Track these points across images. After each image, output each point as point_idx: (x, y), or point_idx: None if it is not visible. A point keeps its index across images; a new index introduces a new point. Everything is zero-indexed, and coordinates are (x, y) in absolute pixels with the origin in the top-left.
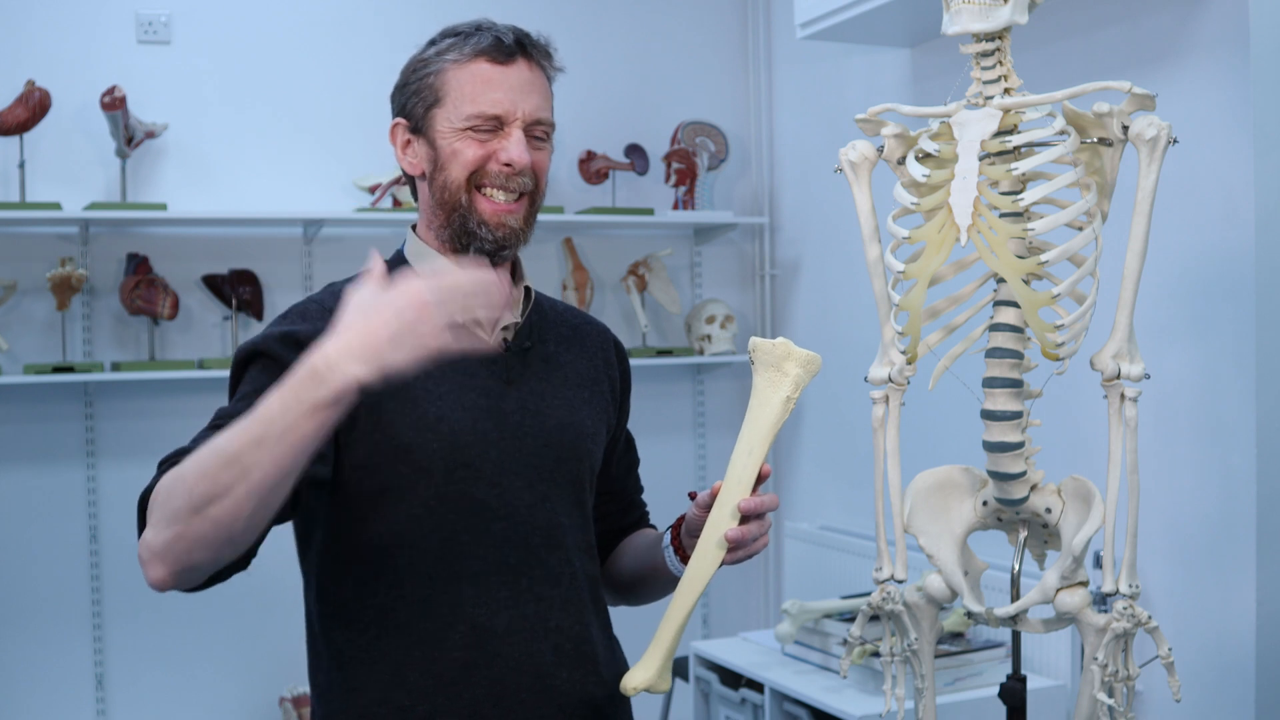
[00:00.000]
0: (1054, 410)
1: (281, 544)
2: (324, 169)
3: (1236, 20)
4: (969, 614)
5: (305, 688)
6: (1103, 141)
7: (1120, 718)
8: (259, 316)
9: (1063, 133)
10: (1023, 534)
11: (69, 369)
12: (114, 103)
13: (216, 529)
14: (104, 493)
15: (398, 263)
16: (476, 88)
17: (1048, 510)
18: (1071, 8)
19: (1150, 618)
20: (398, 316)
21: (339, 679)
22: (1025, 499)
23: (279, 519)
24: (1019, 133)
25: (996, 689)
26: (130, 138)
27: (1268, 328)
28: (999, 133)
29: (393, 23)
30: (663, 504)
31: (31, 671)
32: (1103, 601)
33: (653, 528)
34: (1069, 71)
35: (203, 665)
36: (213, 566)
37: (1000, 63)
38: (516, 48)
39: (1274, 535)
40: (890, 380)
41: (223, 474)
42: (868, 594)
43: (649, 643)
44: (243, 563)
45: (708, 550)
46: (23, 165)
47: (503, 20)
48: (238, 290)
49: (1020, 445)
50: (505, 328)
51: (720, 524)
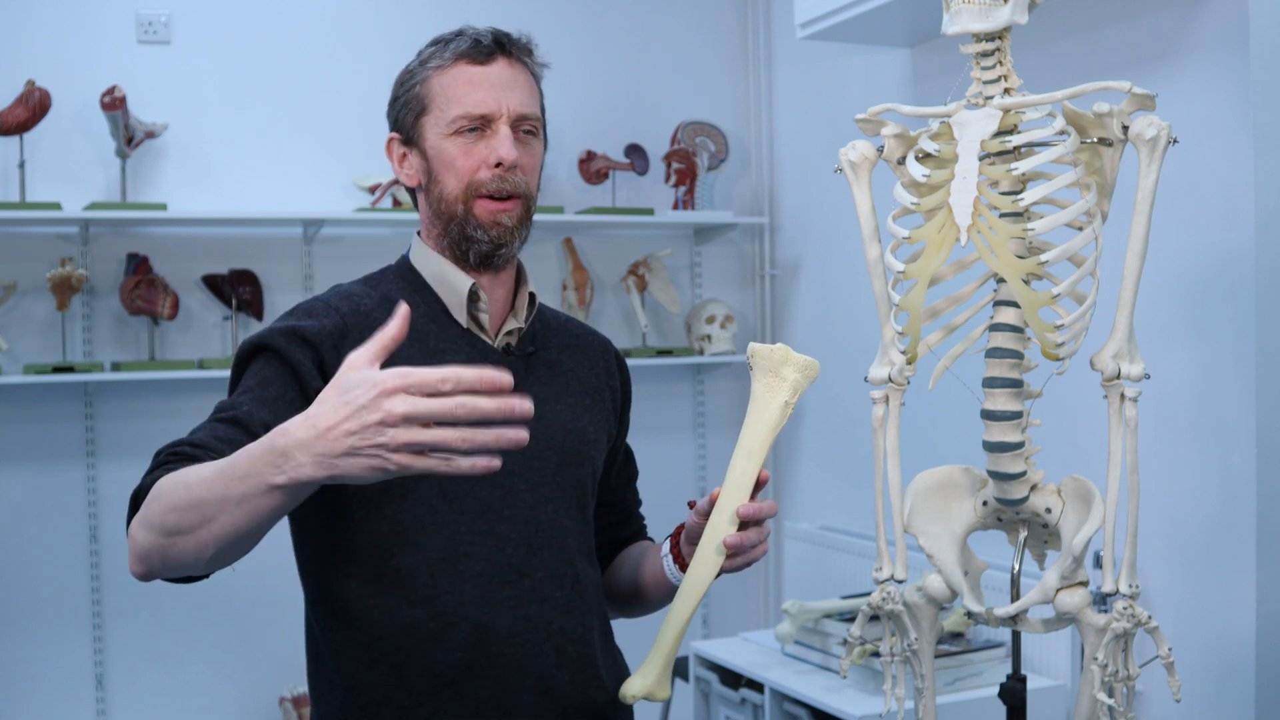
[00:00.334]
0: (1054, 410)
1: (281, 544)
2: (324, 169)
3: (1236, 20)
4: (969, 614)
5: (305, 688)
6: (1103, 141)
7: (1120, 718)
8: (259, 316)
9: (1063, 133)
10: (1023, 534)
11: (69, 369)
12: (114, 103)
13: (184, 556)
14: (104, 493)
15: (404, 268)
16: (459, 90)
17: (1048, 510)
18: (1071, 8)
19: (1150, 618)
20: (359, 418)
21: (338, 680)
22: (1025, 499)
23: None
24: (1019, 133)
25: (996, 689)
26: (130, 138)
27: (1268, 328)
28: (999, 133)
29: (393, 23)
30: (663, 505)
31: (31, 671)
32: (1103, 601)
33: (651, 540)
34: (1069, 71)
35: (203, 665)
36: (189, 574)
37: (1000, 63)
38: (495, 47)
39: (1274, 535)
40: (890, 380)
41: (188, 514)
42: (868, 594)
43: (647, 650)
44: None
45: (706, 557)
46: (23, 165)
47: (504, 20)
48: (238, 290)
49: (1020, 445)
50: (509, 332)
51: (719, 530)
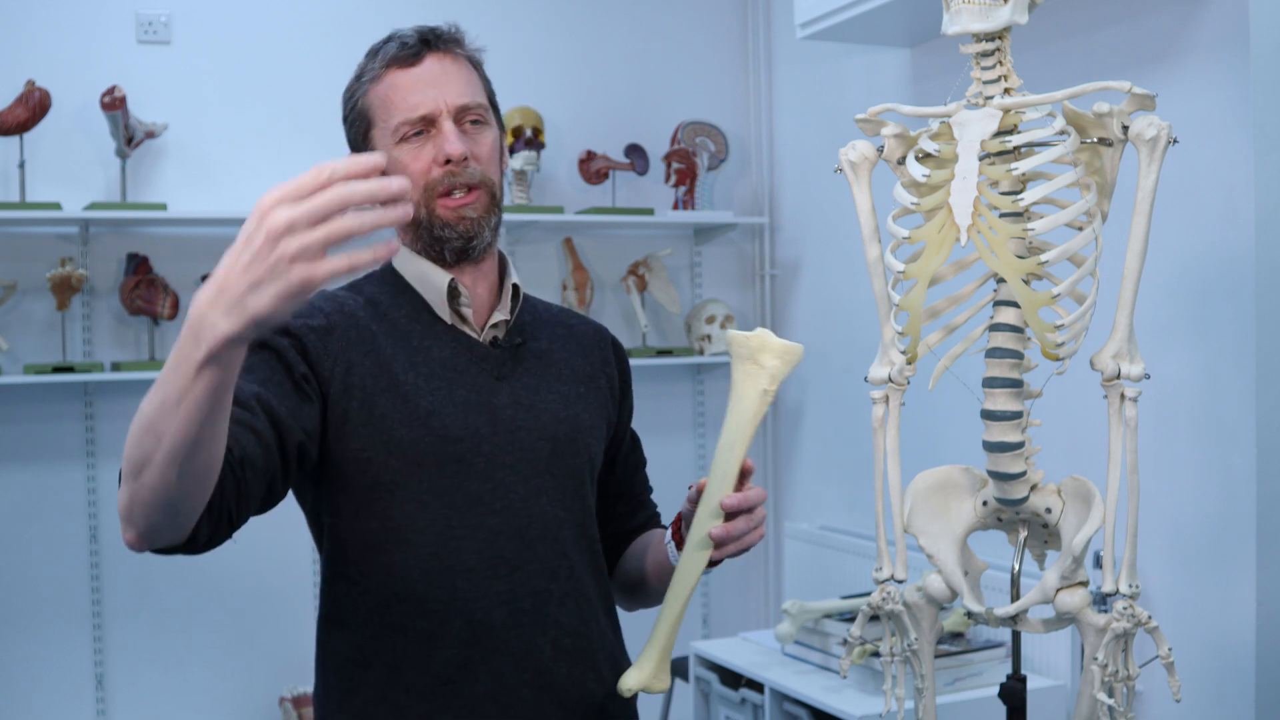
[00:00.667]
0: (1054, 410)
1: (282, 544)
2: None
3: (1236, 20)
4: (969, 614)
5: (305, 688)
6: (1103, 141)
7: (1120, 718)
8: None
9: (1063, 133)
10: (1023, 534)
11: (69, 369)
12: (114, 103)
13: (153, 494)
14: (104, 493)
15: (386, 271)
16: (395, 97)
17: (1048, 510)
18: (1071, 8)
19: (1150, 618)
20: (250, 248)
21: (334, 681)
22: (1025, 499)
23: (264, 505)
24: (1019, 133)
25: (996, 689)
26: (130, 138)
27: (1268, 328)
28: (999, 133)
29: (393, 23)
30: (663, 505)
31: (31, 671)
32: (1103, 601)
33: (664, 528)
34: (1069, 71)
35: (203, 665)
36: (176, 530)
37: (1000, 63)
38: (421, 45)
39: (1274, 535)
40: (890, 380)
41: (144, 440)
42: (868, 594)
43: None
44: (223, 532)
45: (694, 549)
46: (23, 165)
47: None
48: None
49: (1020, 445)
50: (495, 325)
51: (705, 522)
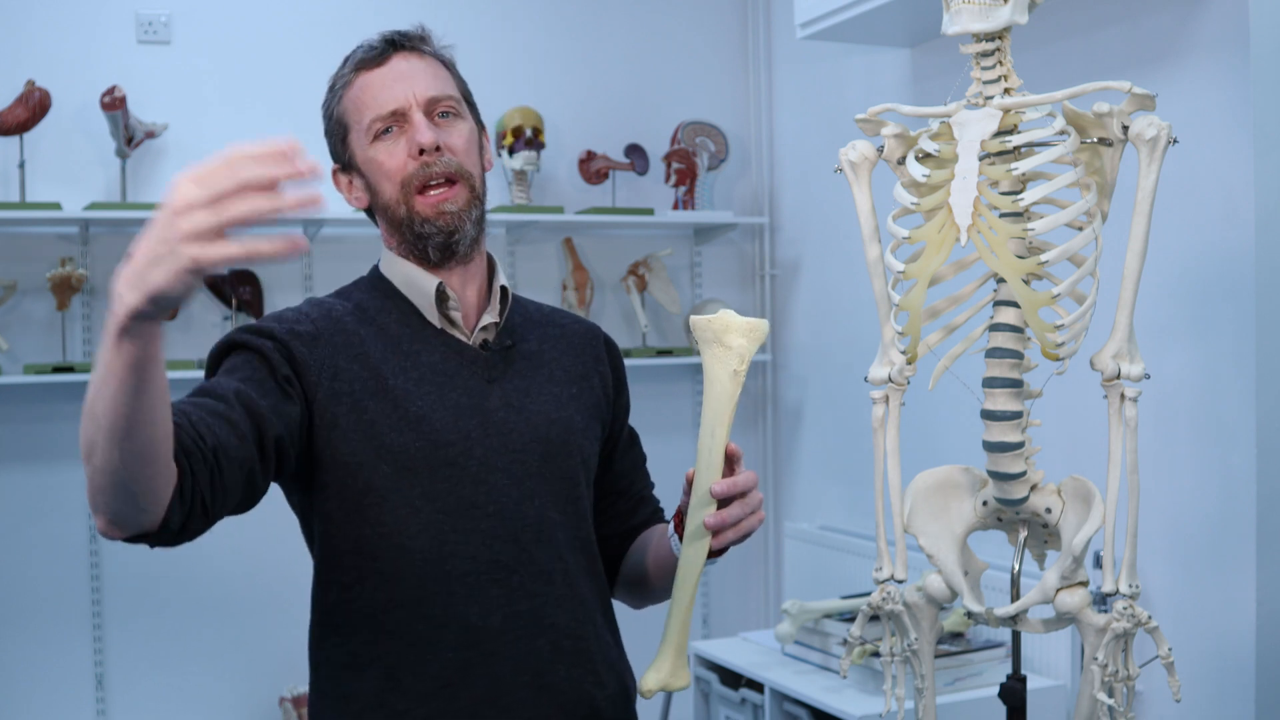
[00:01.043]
0: (1054, 410)
1: (282, 545)
2: (324, 169)
3: (1236, 20)
4: (969, 614)
5: (305, 688)
6: (1103, 141)
7: (1120, 718)
8: (259, 316)
9: (1063, 133)
10: (1023, 534)
11: (69, 369)
12: (114, 103)
13: (105, 478)
14: None
15: (374, 278)
16: (364, 97)
17: (1048, 510)
18: (1071, 8)
19: (1150, 618)
20: (158, 225)
21: (329, 688)
22: (1025, 499)
23: (246, 502)
24: (1019, 133)
25: (996, 689)
26: (130, 138)
27: (1268, 328)
28: (999, 133)
29: (393, 23)
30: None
31: (31, 671)
32: (1103, 601)
33: (667, 523)
34: (1069, 71)
35: (203, 665)
36: (142, 514)
37: (1000, 63)
38: (387, 46)
39: (1274, 535)
40: (890, 380)
41: (87, 424)
42: (868, 594)
43: (656, 643)
44: (197, 521)
45: (691, 540)
46: (23, 165)
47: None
48: (238, 290)
49: (1020, 445)
50: (484, 327)
51: (698, 511)
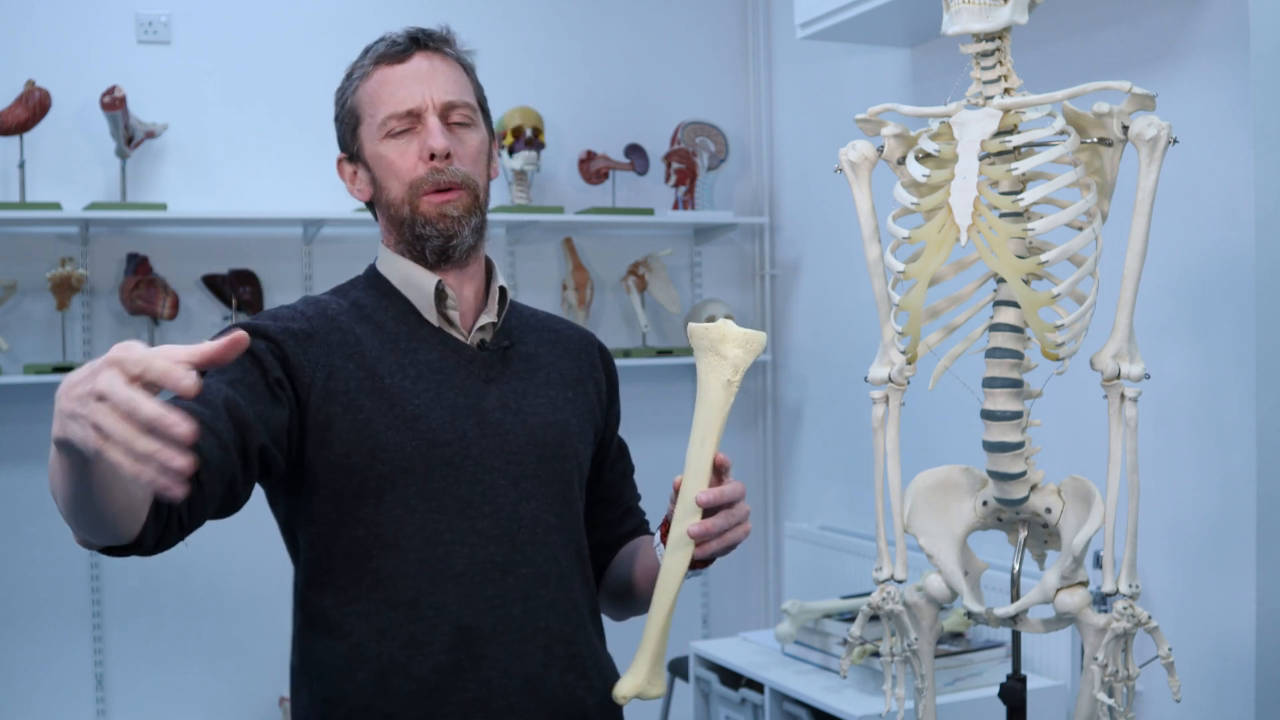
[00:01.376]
0: (1054, 410)
1: (281, 545)
2: (324, 169)
3: (1236, 20)
4: (969, 614)
5: None
6: (1103, 141)
7: (1120, 718)
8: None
9: (1063, 133)
10: (1023, 534)
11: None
12: (114, 103)
13: (70, 512)
14: None
15: (371, 276)
16: (383, 92)
17: (1048, 510)
18: (1071, 8)
19: (1150, 618)
20: (87, 383)
21: (318, 690)
22: (1025, 499)
23: (225, 509)
24: (1019, 133)
25: (996, 689)
26: (130, 138)
27: (1268, 328)
28: (999, 133)
29: (393, 23)
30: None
31: (31, 671)
32: (1103, 601)
33: (653, 534)
34: (1069, 71)
35: (203, 665)
36: (115, 538)
37: (1000, 63)
38: (410, 44)
39: (1274, 535)
40: (890, 380)
41: (51, 475)
42: (868, 594)
43: (631, 649)
44: (173, 535)
45: (674, 549)
46: (23, 165)
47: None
48: (238, 290)
49: (1020, 445)
50: (482, 328)
51: (683, 520)
